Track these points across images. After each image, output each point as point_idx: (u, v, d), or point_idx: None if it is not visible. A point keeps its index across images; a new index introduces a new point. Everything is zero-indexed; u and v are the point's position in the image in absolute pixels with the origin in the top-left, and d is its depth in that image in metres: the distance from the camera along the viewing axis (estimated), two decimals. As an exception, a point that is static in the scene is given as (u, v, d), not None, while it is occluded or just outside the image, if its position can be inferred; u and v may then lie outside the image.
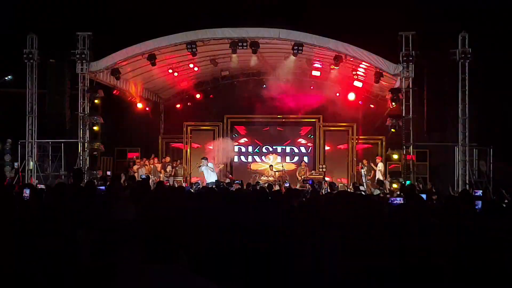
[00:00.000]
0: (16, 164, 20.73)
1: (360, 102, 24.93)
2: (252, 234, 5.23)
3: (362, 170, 23.18)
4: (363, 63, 20.17)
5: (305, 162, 25.16)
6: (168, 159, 24.83)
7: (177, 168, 24.40)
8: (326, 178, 23.31)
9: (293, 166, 25.70)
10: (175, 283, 2.73)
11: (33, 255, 4.24)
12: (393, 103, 19.98)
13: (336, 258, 4.32)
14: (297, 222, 6.14)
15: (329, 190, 15.93)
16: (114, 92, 22.38)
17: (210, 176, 20.49)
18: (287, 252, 4.88)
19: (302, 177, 23.16)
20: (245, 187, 17.40)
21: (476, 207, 10.39)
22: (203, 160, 21.12)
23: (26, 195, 8.80)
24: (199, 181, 20.91)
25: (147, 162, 23.71)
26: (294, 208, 7.02)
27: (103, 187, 10.10)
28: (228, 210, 6.58)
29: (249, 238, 5.04)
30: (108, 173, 22.90)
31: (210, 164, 20.99)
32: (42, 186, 13.94)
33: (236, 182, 19.19)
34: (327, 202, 5.51)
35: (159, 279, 2.72)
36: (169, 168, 23.69)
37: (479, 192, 14.71)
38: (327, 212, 4.89)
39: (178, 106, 27.21)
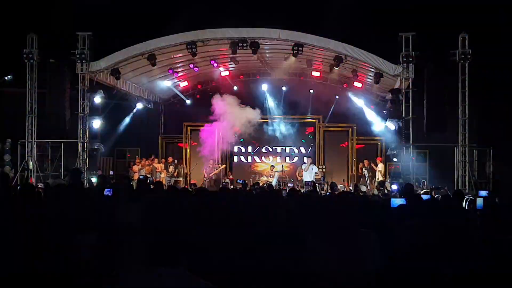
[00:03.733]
0: (24, 164, 20.60)
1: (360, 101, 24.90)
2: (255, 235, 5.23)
3: (365, 171, 23.18)
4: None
5: (304, 162, 25.15)
6: (170, 159, 24.78)
7: (177, 168, 24.39)
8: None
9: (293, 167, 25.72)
10: (177, 286, 2.73)
11: (32, 257, 4.24)
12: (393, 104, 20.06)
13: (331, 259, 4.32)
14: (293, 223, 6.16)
15: (329, 191, 15.96)
16: (114, 93, 22.36)
17: (308, 176, 21.92)
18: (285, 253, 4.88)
19: (302, 177, 23.16)
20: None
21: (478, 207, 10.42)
22: (309, 158, 23.12)
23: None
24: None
25: (147, 162, 23.70)
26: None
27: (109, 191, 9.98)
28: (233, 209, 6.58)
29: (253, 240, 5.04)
30: (111, 173, 22.93)
31: (314, 166, 22.77)
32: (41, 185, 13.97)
33: (239, 181, 19.20)
34: (325, 203, 5.51)
35: (161, 282, 2.72)
36: (171, 168, 23.68)
37: (485, 193, 14.61)
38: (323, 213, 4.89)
39: (177, 106, 27.18)
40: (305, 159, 23.96)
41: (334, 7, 23.37)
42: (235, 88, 25.36)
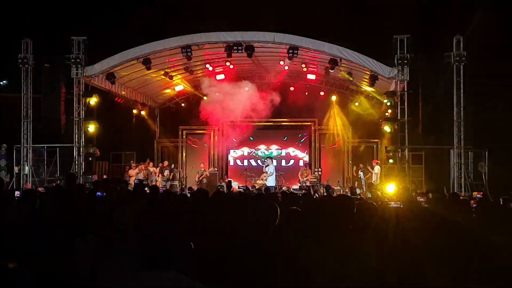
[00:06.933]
0: (16, 168, 20.56)
1: (356, 103, 24.86)
2: (247, 238, 5.21)
3: (361, 173, 23.16)
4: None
5: (307, 164, 25.24)
6: (166, 163, 24.73)
7: (173, 172, 24.33)
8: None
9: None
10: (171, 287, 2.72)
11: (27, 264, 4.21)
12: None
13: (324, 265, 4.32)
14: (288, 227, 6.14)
15: (325, 194, 15.94)
16: (116, 99, 22.38)
17: (271, 179, 21.60)
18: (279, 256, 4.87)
19: (304, 179, 23.18)
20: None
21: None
22: (267, 160, 22.56)
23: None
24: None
25: (143, 166, 23.63)
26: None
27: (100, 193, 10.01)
28: (224, 213, 6.55)
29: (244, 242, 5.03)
30: (105, 177, 22.84)
31: (271, 166, 22.14)
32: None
33: (240, 187, 19.16)
34: (322, 207, 5.50)
35: (155, 285, 2.71)
36: (166, 172, 23.63)
37: (480, 195, 14.75)
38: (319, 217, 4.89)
39: (173, 110, 27.15)
40: (267, 160, 23.74)
41: (329, 10, 23.41)
42: None
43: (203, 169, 23.78)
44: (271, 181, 21.54)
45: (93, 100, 20.42)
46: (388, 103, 20.19)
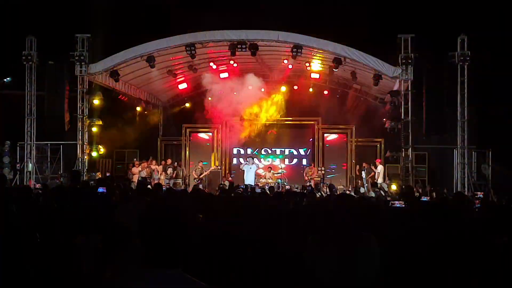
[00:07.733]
0: (18, 165, 20.65)
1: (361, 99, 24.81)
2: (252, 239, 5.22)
3: (363, 172, 23.15)
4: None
5: (311, 163, 25.28)
6: (169, 161, 24.71)
7: (176, 170, 24.32)
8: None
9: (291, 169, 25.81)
10: (174, 287, 2.72)
11: (30, 261, 4.23)
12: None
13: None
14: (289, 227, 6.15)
15: (328, 193, 15.94)
16: (120, 97, 22.41)
17: (248, 177, 21.96)
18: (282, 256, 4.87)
19: (309, 177, 23.20)
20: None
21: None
22: (249, 159, 22.63)
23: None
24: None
25: (146, 164, 23.65)
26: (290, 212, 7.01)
27: (102, 189, 10.06)
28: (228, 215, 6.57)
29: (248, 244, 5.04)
30: (108, 175, 22.87)
31: (254, 166, 22.40)
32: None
33: (240, 187, 19.16)
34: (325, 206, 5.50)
35: (158, 284, 2.71)
36: (169, 170, 23.62)
37: (480, 195, 14.79)
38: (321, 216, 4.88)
39: (177, 108, 27.15)
40: (241, 159, 24.08)
41: (333, 9, 23.39)
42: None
43: (201, 168, 23.76)
44: (249, 180, 22.00)
45: (96, 98, 20.44)
46: (392, 103, 20.19)
